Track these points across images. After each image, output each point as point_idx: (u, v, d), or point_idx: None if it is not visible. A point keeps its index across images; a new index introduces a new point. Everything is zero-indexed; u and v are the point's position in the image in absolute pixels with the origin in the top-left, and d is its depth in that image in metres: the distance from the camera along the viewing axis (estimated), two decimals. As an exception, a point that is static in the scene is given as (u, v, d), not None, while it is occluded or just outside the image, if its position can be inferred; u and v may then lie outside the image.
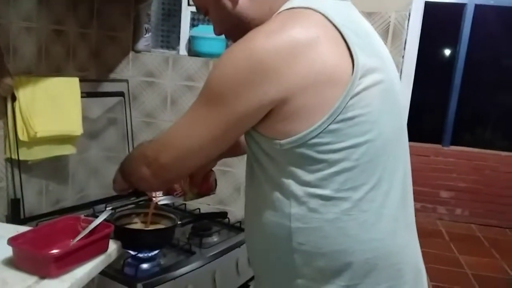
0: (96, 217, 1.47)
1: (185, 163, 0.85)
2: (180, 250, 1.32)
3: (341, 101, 0.73)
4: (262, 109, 0.75)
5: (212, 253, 1.33)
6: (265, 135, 0.78)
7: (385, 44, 1.04)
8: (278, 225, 0.82)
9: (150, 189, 1.08)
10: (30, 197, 1.48)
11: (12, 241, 0.89)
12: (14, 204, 1.37)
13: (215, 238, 1.43)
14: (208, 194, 1.20)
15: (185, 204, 1.67)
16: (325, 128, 0.73)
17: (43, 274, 0.89)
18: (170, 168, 0.85)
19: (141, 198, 1.73)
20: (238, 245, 1.42)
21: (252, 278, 1.48)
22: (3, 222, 1.36)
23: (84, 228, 1.02)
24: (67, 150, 1.53)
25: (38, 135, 1.37)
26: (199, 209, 1.63)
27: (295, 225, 0.80)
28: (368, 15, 1.52)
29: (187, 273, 1.22)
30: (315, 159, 0.76)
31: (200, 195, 1.26)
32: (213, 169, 1.17)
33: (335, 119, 0.73)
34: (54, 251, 0.93)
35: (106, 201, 1.63)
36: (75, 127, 1.51)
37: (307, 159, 0.76)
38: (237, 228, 1.52)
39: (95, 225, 1.02)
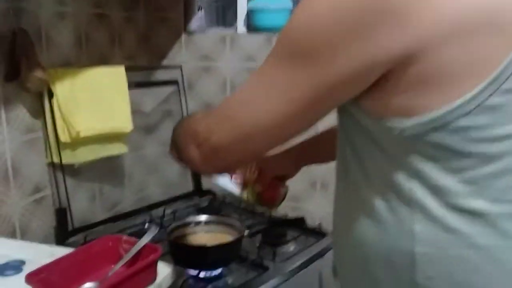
0: (153, 224, 1.32)
1: (246, 146, 0.61)
2: (250, 265, 1.08)
3: (510, 60, 0.44)
4: (373, 71, 0.49)
5: (290, 268, 1.07)
6: (373, 113, 0.52)
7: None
8: (392, 249, 0.56)
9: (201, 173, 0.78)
10: (80, 204, 1.32)
11: (30, 278, 0.69)
12: (60, 215, 1.20)
13: (291, 248, 1.18)
14: (268, 206, 0.99)
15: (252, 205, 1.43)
16: (481, 103, 0.45)
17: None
18: (226, 151, 0.63)
19: (204, 199, 1.52)
20: (320, 255, 1.16)
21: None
22: (49, 236, 1.20)
23: (126, 251, 0.81)
24: (117, 149, 1.35)
25: (82, 134, 1.19)
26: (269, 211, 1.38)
27: (422, 249, 0.53)
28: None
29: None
30: (461, 152, 0.48)
31: (259, 199, 1.03)
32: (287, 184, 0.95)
33: (498, 88, 0.45)
34: (87, 286, 0.72)
35: (165, 203, 1.44)
36: (124, 123, 1.31)
37: (446, 151, 0.49)
38: (317, 233, 1.26)
39: (139, 247, 0.80)
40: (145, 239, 0.81)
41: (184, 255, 0.98)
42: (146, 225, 1.33)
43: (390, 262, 0.56)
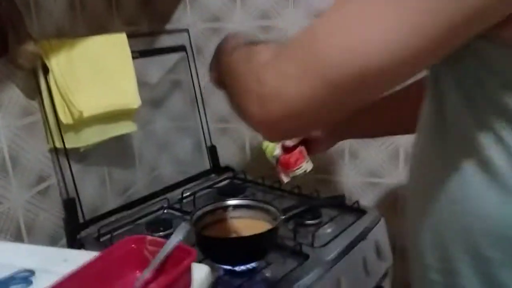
0: (172, 210, 1.19)
1: (338, 100, 0.44)
2: (288, 254, 0.96)
3: None
4: None
5: (332, 255, 0.95)
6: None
7: None
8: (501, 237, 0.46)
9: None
10: (89, 191, 1.19)
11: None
12: (69, 206, 1.07)
13: (328, 229, 1.06)
14: (282, 171, 1.00)
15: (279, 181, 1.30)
16: None
17: None
18: (305, 111, 0.45)
19: (223, 177, 1.39)
20: (362, 236, 1.04)
21: (384, 276, 1.10)
22: (59, 231, 1.08)
23: (153, 254, 0.68)
24: (126, 128, 1.20)
25: (85, 114, 1.04)
26: (298, 187, 1.25)
27: None
28: None
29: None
30: None
31: (276, 160, 1.00)
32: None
33: None
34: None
35: (180, 185, 1.31)
36: (131, 98, 1.16)
37: None
38: (355, 210, 1.13)
39: (169, 250, 0.67)
40: (175, 239, 0.68)
41: (215, 249, 0.86)
42: (164, 211, 1.20)
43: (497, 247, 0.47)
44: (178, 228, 0.70)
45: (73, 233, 1.06)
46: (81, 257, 0.67)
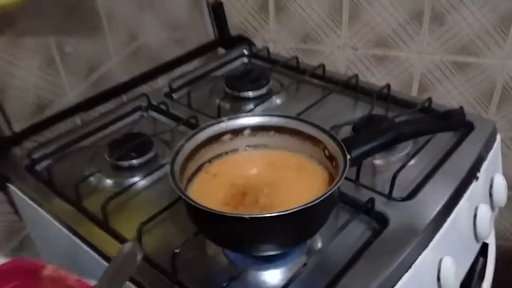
0: (150, 127, 0.72)
1: None
2: (348, 214, 0.54)
3: None
4: None
5: (430, 217, 0.53)
6: None
7: None
8: None
9: None
10: (28, 78, 0.73)
11: None
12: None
13: (415, 170, 0.61)
14: None
15: (323, 65, 0.82)
16: None
17: None
18: None
19: (234, 55, 0.91)
20: (472, 174, 0.60)
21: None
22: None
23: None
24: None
25: None
26: (356, 76, 0.78)
27: None
28: None
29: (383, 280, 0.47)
30: None
31: None
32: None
33: None
34: None
35: (169, 66, 0.84)
36: None
37: None
38: (458, 124, 0.67)
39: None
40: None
41: (217, 230, 0.44)
42: (142, 116, 0.77)
43: None
44: (113, 259, 0.27)
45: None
46: None
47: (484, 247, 0.67)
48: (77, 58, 0.84)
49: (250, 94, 0.76)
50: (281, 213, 0.40)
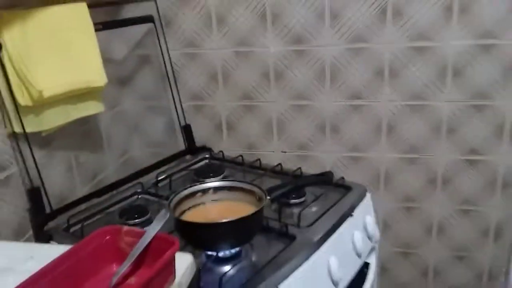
0: (147, 196, 1.11)
1: None
2: (274, 236, 0.91)
3: None
4: None
5: (319, 235, 0.91)
6: None
7: None
8: None
9: None
10: (55, 179, 1.10)
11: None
12: (34, 196, 0.98)
13: (314, 208, 1.01)
14: None
15: (259, 159, 1.23)
16: None
17: None
18: None
19: (200, 157, 1.31)
20: (349, 213, 0.99)
21: (371, 251, 1.06)
22: (24, 224, 0.99)
23: (131, 245, 0.61)
24: (92, 108, 1.10)
25: (45, 94, 0.94)
26: (280, 164, 1.19)
27: None
28: None
29: (293, 270, 0.81)
30: None
31: None
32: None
33: None
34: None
35: (154, 167, 1.23)
36: (96, 75, 1.06)
37: None
38: (340, 186, 1.08)
39: (148, 240, 0.60)
40: (154, 228, 0.61)
41: (196, 235, 0.79)
42: (138, 197, 1.13)
43: None
44: (157, 216, 0.63)
45: (40, 225, 0.97)
46: (50, 253, 0.60)
47: (367, 265, 1.03)
48: (87, 166, 1.22)
49: (212, 179, 1.15)
50: (229, 220, 0.77)
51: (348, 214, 0.99)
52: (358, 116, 1.30)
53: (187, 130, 1.36)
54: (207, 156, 1.32)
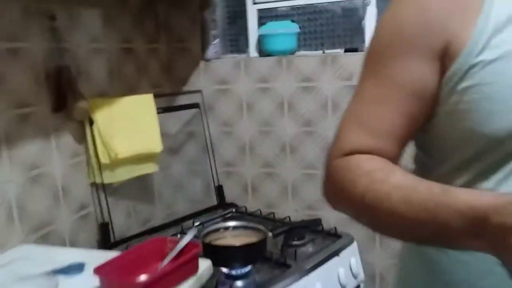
0: (184, 234, 1.45)
1: None
2: (274, 264, 1.21)
3: None
4: None
5: (309, 266, 1.20)
6: None
7: None
8: None
9: None
10: (118, 219, 1.47)
11: (98, 271, 0.83)
12: (103, 229, 1.35)
13: (310, 248, 1.31)
14: None
15: (273, 213, 1.56)
16: None
17: (133, 303, 0.83)
18: None
19: (228, 211, 1.66)
20: (336, 253, 1.29)
21: (357, 289, 1.33)
22: (94, 247, 1.35)
23: (171, 250, 0.95)
24: (150, 168, 1.50)
25: (120, 156, 1.34)
26: (289, 217, 1.52)
27: None
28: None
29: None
30: None
31: None
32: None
33: None
34: (142, 278, 0.86)
35: (193, 216, 1.58)
36: (155, 144, 1.47)
37: None
38: (332, 235, 1.38)
39: (183, 245, 0.94)
40: (188, 238, 0.95)
41: (217, 254, 1.11)
42: (178, 236, 1.47)
43: None
44: (189, 231, 0.97)
45: (105, 250, 1.33)
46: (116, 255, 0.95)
47: (352, 298, 1.29)
48: (142, 213, 1.59)
49: (232, 221, 1.47)
50: (239, 244, 1.09)
51: (335, 254, 1.28)
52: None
53: (219, 190, 1.72)
54: (233, 209, 1.66)
